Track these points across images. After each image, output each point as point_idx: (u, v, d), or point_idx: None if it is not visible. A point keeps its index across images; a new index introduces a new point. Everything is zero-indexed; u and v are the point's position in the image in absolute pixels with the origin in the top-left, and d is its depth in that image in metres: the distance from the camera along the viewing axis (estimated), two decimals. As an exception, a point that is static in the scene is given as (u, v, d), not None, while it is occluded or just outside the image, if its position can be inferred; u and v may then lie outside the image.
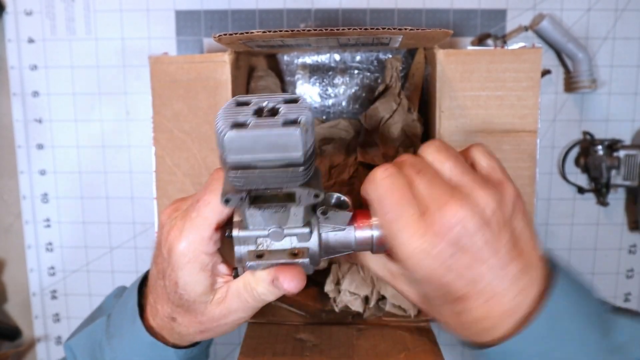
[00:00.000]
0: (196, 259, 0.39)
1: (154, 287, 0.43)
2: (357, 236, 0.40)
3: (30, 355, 0.79)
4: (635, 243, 0.74)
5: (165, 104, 0.59)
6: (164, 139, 0.59)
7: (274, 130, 0.30)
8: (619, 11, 0.69)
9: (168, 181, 0.60)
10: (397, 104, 0.62)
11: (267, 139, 0.30)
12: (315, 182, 0.34)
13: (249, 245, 0.38)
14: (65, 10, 0.71)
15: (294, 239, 0.39)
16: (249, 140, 0.30)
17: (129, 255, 0.76)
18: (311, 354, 0.53)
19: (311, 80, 0.68)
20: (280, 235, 0.38)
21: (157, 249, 0.42)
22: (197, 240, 0.38)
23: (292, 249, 0.39)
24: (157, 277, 0.42)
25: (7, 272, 0.77)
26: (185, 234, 0.38)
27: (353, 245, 0.40)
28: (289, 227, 0.38)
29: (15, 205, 0.76)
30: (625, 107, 0.71)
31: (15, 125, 0.74)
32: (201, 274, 0.39)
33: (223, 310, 0.41)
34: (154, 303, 0.43)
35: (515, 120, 0.57)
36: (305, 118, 0.30)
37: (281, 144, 0.30)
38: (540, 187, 0.73)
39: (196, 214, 0.38)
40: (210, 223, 0.38)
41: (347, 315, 0.62)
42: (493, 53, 0.56)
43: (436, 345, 0.55)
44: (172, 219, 0.40)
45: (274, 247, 0.39)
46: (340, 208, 0.39)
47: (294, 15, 0.70)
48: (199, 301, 0.40)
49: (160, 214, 0.42)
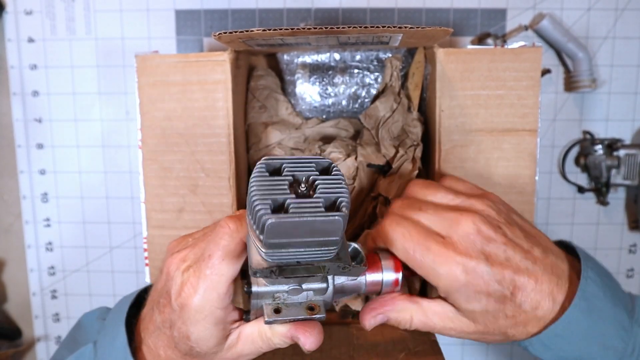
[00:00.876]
0: (211, 314, 0.38)
1: (156, 333, 0.42)
2: (367, 280, 0.41)
3: (30, 355, 0.79)
4: (635, 242, 0.74)
5: (155, 105, 0.57)
6: (154, 141, 0.58)
7: (318, 218, 0.30)
8: (619, 11, 0.69)
9: (158, 185, 0.58)
10: (397, 103, 0.62)
11: (310, 227, 0.30)
12: (343, 252, 0.35)
13: (266, 299, 0.38)
14: (65, 10, 0.71)
15: (310, 292, 0.39)
16: (291, 227, 0.30)
17: (129, 255, 0.76)
18: (311, 353, 0.53)
19: (311, 80, 0.68)
20: (299, 291, 0.38)
21: (164, 297, 0.40)
22: (214, 298, 0.38)
23: (309, 303, 0.39)
24: (163, 325, 0.41)
25: (7, 272, 0.77)
26: (201, 291, 0.38)
27: (363, 289, 0.42)
28: (307, 284, 0.38)
29: (15, 205, 0.76)
30: (625, 107, 0.71)
31: (15, 124, 0.74)
32: (215, 327, 0.39)
33: (234, 355, 0.41)
34: (155, 347, 0.42)
35: (515, 120, 0.57)
36: (345, 201, 0.31)
37: (323, 230, 0.30)
38: (540, 187, 0.73)
39: (210, 272, 0.38)
40: (226, 279, 0.38)
41: (348, 314, 0.62)
42: (493, 52, 0.56)
43: (436, 345, 0.55)
44: (183, 272, 0.39)
45: (291, 301, 0.39)
46: (354, 258, 0.39)
47: (294, 15, 0.70)
48: (211, 352, 0.40)
49: (168, 262, 0.40)
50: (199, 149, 0.57)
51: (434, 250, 0.38)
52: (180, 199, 0.58)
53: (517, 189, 0.58)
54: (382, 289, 0.42)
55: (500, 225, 0.39)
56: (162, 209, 0.59)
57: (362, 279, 0.41)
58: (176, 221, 0.59)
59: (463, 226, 0.38)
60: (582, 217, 0.74)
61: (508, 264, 0.38)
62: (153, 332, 0.42)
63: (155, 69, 0.57)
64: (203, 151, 0.57)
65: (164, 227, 0.59)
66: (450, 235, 0.38)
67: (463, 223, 0.38)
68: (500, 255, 0.38)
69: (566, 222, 0.74)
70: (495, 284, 0.38)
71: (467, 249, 0.37)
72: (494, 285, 0.38)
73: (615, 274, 0.75)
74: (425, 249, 0.38)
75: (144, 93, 0.57)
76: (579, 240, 0.74)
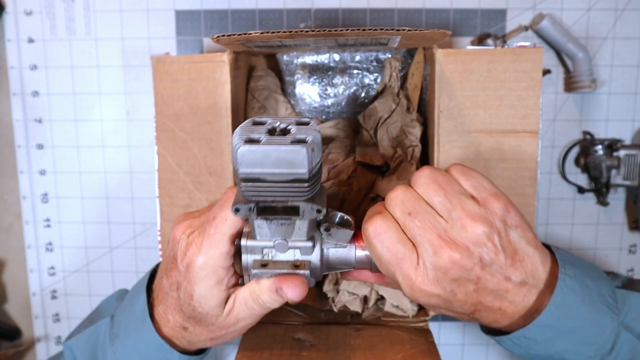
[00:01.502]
0: (214, 273, 0.41)
1: (164, 299, 0.45)
2: (357, 255, 0.43)
3: (30, 355, 0.79)
4: (635, 243, 0.74)
5: (166, 104, 0.59)
6: (166, 139, 0.60)
7: (283, 147, 0.33)
8: (619, 11, 0.69)
9: (170, 180, 0.60)
10: (396, 104, 0.62)
11: (276, 154, 0.33)
12: (319, 199, 0.37)
13: (256, 254, 0.41)
14: (65, 10, 0.71)
15: (297, 252, 0.41)
16: (260, 155, 0.33)
17: (129, 255, 0.76)
18: (309, 353, 0.53)
19: (310, 80, 0.68)
20: (284, 247, 0.40)
21: (171, 262, 0.43)
22: (216, 256, 0.41)
23: (295, 261, 0.41)
24: (170, 289, 0.43)
25: (7, 272, 0.77)
26: (205, 249, 0.41)
27: (353, 262, 0.43)
28: (293, 240, 0.40)
29: (15, 205, 0.76)
30: (625, 107, 0.71)
31: (15, 125, 0.74)
32: (217, 287, 0.41)
33: (232, 319, 0.43)
34: (164, 313, 0.45)
35: (515, 121, 0.57)
36: (312, 138, 0.33)
37: (289, 160, 0.33)
38: (540, 187, 0.73)
39: (214, 230, 0.41)
40: (228, 238, 0.41)
41: (346, 315, 0.62)
42: (493, 52, 0.56)
43: (434, 345, 0.55)
44: (189, 235, 0.42)
45: (278, 258, 0.41)
46: (343, 227, 0.41)
47: (293, 15, 0.70)
48: (211, 314, 0.42)
49: (174, 229, 0.43)
50: (203, 147, 0.58)
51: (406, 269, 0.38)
52: (186, 195, 0.60)
53: (517, 190, 0.58)
54: (372, 266, 0.42)
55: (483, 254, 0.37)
56: (172, 203, 0.61)
57: (351, 249, 0.42)
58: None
59: (442, 256, 0.37)
60: (582, 218, 0.74)
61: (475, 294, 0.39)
62: (162, 298, 0.45)
63: (168, 70, 0.58)
64: (207, 149, 0.58)
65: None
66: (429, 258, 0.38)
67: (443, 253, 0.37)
68: (470, 285, 0.38)
69: (566, 222, 0.74)
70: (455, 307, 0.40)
71: (438, 277, 0.38)
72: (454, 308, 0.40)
73: (615, 274, 0.75)
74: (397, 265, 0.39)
75: (158, 93, 0.59)
76: (579, 241, 0.74)
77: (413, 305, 0.61)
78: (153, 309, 0.46)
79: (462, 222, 0.38)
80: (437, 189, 0.39)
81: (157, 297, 0.46)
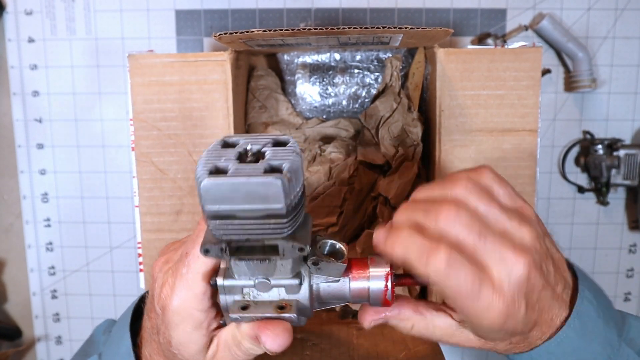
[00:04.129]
0: (190, 317, 0.36)
1: (149, 341, 0.41)
2: (352, 287, 0.37)
3: (30, 355, 0.79)
4: (635, 242, 0.74)
5: (150, 105, 0.56)
6: (149, 142, 0.57)
7: (253, 179, 0.27)
8: (619, 10, 0.69)
9: (153, 187, 0.58)
10: (397, 103, 0.62)
11: (245, 188, 0.27)
12: (302, 233, 0.32)
13: (235, 294, 0.36)
14: (65, 10, 0.71)
15: (282, 290, 0.36)
16: (227, 189, 0.27)
17: (129, 255, 0.76)
18: (311, 353, 0.53)
19: (311, 80, 0.68)
20: (267, 286, 0.35)
21: (150, 302, 0.39)
22: (190, 298, 0.36)
23: (280, 302, 0.36)
24: (152, 332, 0.40)
25: (7, 272, 0.77)
26: (177, 291, 0.36)
27: (348, 297, 0.38)
28: (276, 278, 0.35)
29: (15, 205, 0.76)
30: (625, 107, 0.71)
31: (15, 124, 0.74)
32: (195, 332, 0.37)
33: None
34: (150, 356, 0.41)
35: (515, 120, 0.57)
36: (289, 165, 0.28)
37: (261, 194, 0.27)
38: (540, 187, 0.73)
39: (186, 270, 0.36)
40: (202, 278, 0.36)
41: (348, 314, 0.62)
42: (493, 52, 0.56)
43: (436, 344, 0.55)
44: (164, 273, 0.38)
45: (261, 299, 0.36)
46: (334, 257, 0.36)
47: (294, 15, 0.70)
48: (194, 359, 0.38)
49: (154, 264, 0.39)
50: (197, 149, 0.57)
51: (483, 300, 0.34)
52: (177, 201, 0.58)
53: (517, 189, 0.57)
54: (370, 298, 0.38)
55: (543, 265, 0.36)
56: (158, 211, 0.58)
57: (345, 284, 0.37)
58: (173, 224, 0.59)
59: (516, 271, 0.34)
60: (582, 217, 0.74)
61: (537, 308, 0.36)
62: (147, 340, 0.41)
63: (151, 69, 0.56)
64: (201, 152, 0.57)
65: (161, 231, 0.59)
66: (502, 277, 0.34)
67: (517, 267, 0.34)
68: (534, 298, 0.35)
69: (566, 222, 0.74)
70: (521, 326, 0.36)
71: (513, 296, 0.34)
72: (520, 327, 0.36)
73: (615, 274, 0.75)
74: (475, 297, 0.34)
75: (137, 93, 0.56)
76: (579, 240, 0.74)
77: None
78: (140, 350, 0.42)
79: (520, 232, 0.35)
80: (490, 201, 0.35)
81: (143, 337, 0.42)
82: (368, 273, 0.37)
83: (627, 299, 0.75)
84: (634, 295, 0.75)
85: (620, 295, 0.75)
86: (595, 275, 0.75)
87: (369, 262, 0.38)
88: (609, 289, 0.75)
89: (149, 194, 0.58)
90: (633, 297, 0.75)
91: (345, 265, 0.36)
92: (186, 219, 0.59)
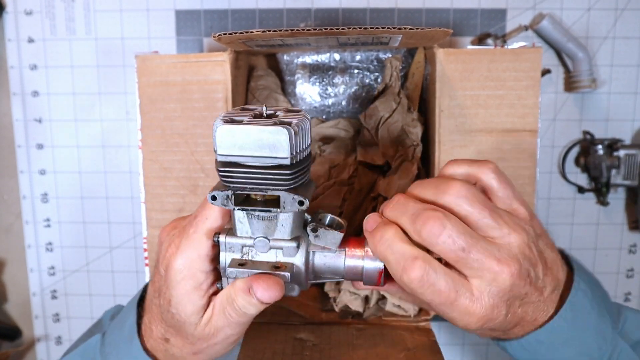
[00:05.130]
0: (192, 276, 0.38)
1: (150, 307, 0.42)
2: (347, 263, 0.38)
3: (30, 355, 0.79)
4: (635, 243, 0.74)
5: (155, 105, 0.57)
6: (154, 141, 0.58)
7: (264, 127, 0.30)
8: (619, 10, 0.69)
9: (158, 185, 0.58)
10: (396, 103, 0.62)
11: (256, 135, 0.30)
12: (303, 191, 0.33)
13: (235, 253, 0.38)
14: (65, 10, 0.71)
15: (280, 252, 0.37)
16: (239, 135, 0.30)
17: (129, 255, 0.76)
18: (311, 353, 0.53)
19: (311, 80, 0.68)
20: (265, 245, 0.37)
21: (155, 267, 0.41)
22: (194, 257, 0.38)
23: (276, 262, 0.38)
24: (153, 295, 0.41)
25: (7, 272, 0.77)
26: (182, 250, 0.38)
27: (342, 271, 0.39)
28: (275, 240, 0.37)
29: (15, 205, 0.76)
30: (625, 107, 0.71)
31: (15, 125, 0.74)
32: (194, 292, 0.38)
33: (211, 329, 0.39)
34: (149, 323, 0.42)
35: (515, 120, 0.57)
36: (298, 121, 0.31)
37: (270, 142, 0.30)
38: (540, 187, 0.73)
39: (193, 230, 0.38)
40: (208, 239, 0.38)
41: (347, 314, 0.62)
42: (493, 52, 0.56)
43: (436, 344, 0.55)
44: (171, 236, 0.40)
45: (258, 259, 0.38)
46: (333, 229, 0.38)
47: (294, 15, 0.70)
48: (189, 322, 0.39)
49: (161, 231, 0.41)
50: (199, 149, 0.57)
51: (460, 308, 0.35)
52: (180, 199, 0.58)
53: (517, 189, 0.58)
54: (363, 277, 0.39)
55: (531, 271, 0.36)
56: (162, 208, 0.59)
57: (340, 257, 0.38)
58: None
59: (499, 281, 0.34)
60: (582, 217, 0.74)
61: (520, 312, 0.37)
62: (148, 307, 0.43)
63: (156, 69, 0.57)
64: (203, 151, 0.57)
65: None
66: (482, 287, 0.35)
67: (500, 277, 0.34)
68: (517, 304, 0.36)
69: (566, 222, 0.74)
70: (501, 327, 0.37)
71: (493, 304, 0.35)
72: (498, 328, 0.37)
73: (615, 274, 0.75)
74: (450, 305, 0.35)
75: (144, 93, 0.57)
76: (579, 240, 0.74)
77: (414, 305, 0.61)
78: (141, 319, 0.44)
79: (508, 239, 0.35)
80: (482, 209, 0.35)
81: (145, 306, 0.44)
82: (364, 251, 0.39)
83: (627, 299, 0.75)
84: (634, 295, 0.75)
85: (620, 295, 0.75)
86: (595, 275, 0.74)
87: (366, 243, 0.39)
88: (609, 289, 0.74)
89: (154, 191, 0.59)
90: (633, 297, 0.75)
91: (342, 235, 0.38)
92: (188, 218, 0.59)
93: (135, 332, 0.42)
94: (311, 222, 0.38)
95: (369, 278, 0.39)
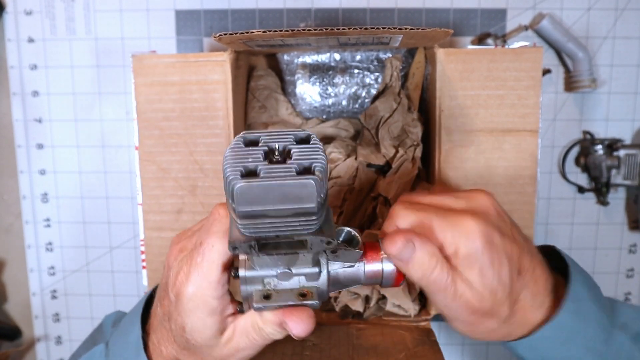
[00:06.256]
0: (205, 304, 0.38)
1: (159, 328, 0.42)
2: (366, 271, 0.39)
3: (30, 355, 0.79)
4: (635, 242, 0.74)
5: (152, 105, 0.57)
6: (151, 142, 0.57)
7: (288, 181, 0.28)
8: (619, 10, 0.69)
9: (155, 186, 0.58)
10: (397, 103, 0.62)
11: (280, 190, 0.28)
12: (327, 227, 0.33)
13: (256, 284, 0.37)
14: (65, 10, 0.71)
15: (303, 278, 0.37)
16: (261, 192, 0.28)
17: (129, 255, 0.76)
18: (311, 353, 0.53)
19: (311, 80, 0.68)
20: (289, 276, 0.36)
21: (164, 290, 0.40)
22: (205, 285, 0.37)
23: (301, 289, 0.37)
24: (163, 318, 0.41)
25: (7, 272, 0.77)
26: (192, 279, 0.37)
27: (362, 279, 0.39)
28: (297, 267, 0.36)
29: (15, 205, 0.76)
30: (625, 107, 0.71)
31: (15, 124, 0.74)
32: (210, 318, 0.38)
33: (231, 350, 0.40)
34: (158, 343, 0.42)
35: (515, 120, 0.57)
36: (320, 166, 0.29)
37: (295, 194, 0.29)
38: (541, 187, 0.73)
39: (201, 259, 0.37)
40: (217, 266, 0.37)
41: (347, 314, 0.62)
42: (493, 52, 0.56)
43: (436, 344, 0.55)
44: (179, 261, 0.39)
45: (282, 287, 0.37)
46: (349, 244, 0.38)
47: (294, 15, 0.70)
48: (206, 345, 0.39)
49: (168, 254, 0.41)
50: (198, 149, 0.57)
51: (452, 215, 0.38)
52: (178, 200, 0.58)
53: (517, 189, 0.58)
54: (382, 280, 0.39)
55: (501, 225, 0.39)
56: (160, 210, 0.59)
57: (360, 267, 0.39)
58: (174, 222, 0.59)
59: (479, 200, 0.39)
60: (582, 217, 0.74)
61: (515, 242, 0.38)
62: (157, 327, 0.42)
63: (153, 69, 0.56)
64: (202, 152, 0.57)
65: (163, 229, 0.59)
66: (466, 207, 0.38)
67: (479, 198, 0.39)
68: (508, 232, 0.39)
69: (566, 222, 0.74)
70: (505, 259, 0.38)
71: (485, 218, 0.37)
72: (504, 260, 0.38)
73: (615, 274, 0.75)
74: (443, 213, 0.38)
75: (140, 93, 0.57)
76: (579, 240, 0.74)
77: (414, 305, 0.61)
78: (148, 336, 0.43)
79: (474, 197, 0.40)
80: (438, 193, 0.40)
81: (152, 324, 0.43)
82: (381, 256, 0.39)
83: (627, 299, 0.75)
84: (634, 295, 0.75)
85: (620, 295, 0.75)
86: (595, 275, 0.75)
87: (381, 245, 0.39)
88: (609, 289, 0.75)
89: (152, 192, 0.58)
90: (633, 297, 0.75)
91: (361, 252, 0.38)
92: (187, 218, 0.59)
93: (142, 349, 0.42)
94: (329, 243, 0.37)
95: (387, 281, 0.40)
